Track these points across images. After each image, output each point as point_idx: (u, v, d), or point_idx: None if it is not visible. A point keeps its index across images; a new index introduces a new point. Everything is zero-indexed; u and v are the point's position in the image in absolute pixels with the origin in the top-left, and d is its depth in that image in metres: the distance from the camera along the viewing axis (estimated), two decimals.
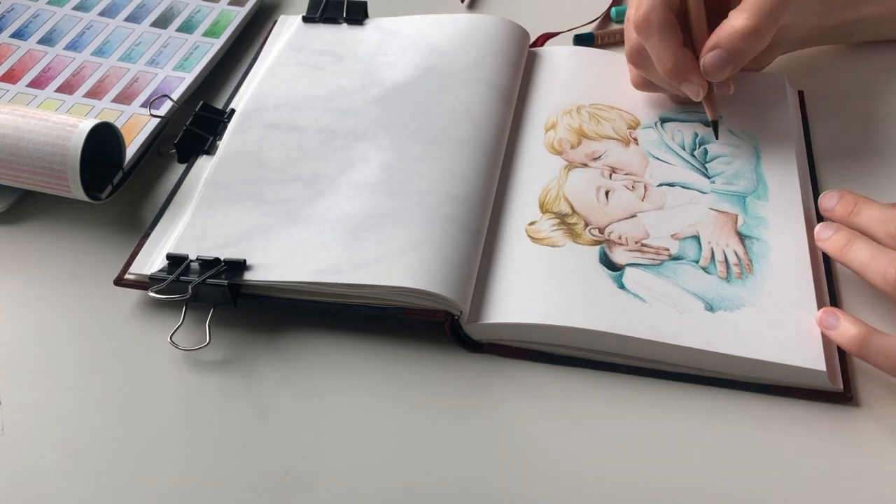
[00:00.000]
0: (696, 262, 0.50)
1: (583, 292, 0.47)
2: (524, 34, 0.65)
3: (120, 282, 0.49)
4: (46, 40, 0.67)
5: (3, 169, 0.53)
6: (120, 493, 0.42)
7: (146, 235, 0.52)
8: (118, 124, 0.58)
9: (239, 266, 0.47)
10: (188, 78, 0.63)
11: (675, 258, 0.50)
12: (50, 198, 0.55)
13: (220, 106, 0.61)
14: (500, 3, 0.74)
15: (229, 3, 0.71)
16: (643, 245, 0.50)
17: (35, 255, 0.54)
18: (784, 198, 0.54)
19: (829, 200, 0.51)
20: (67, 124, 0.52)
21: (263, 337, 0.49)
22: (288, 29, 0.67)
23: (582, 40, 0.69)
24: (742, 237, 0.51)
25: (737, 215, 0.53)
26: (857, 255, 0.47)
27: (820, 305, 0.48)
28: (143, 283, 0.49)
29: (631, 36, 0.55)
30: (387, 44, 0.63)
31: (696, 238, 0.51)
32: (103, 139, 0.54)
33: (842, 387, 0.45)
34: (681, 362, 0.46)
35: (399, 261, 0.47)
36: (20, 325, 0.50)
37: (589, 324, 0.46)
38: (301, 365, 0.47)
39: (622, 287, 0.48)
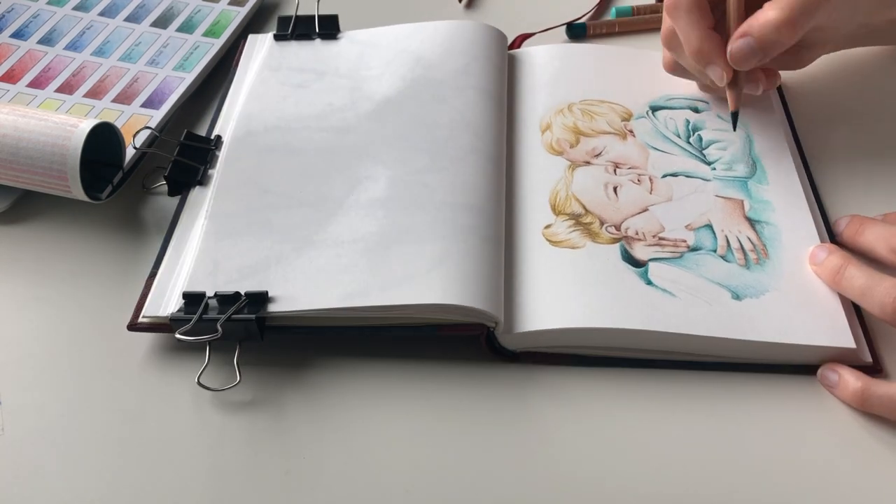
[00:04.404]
0: (714, 251, 0.50)
1: (613, 292, 0.47)
2: (502, 37, 0.65)
3: (134, 326, 0.47)
4: (46, 40, 0.67)
5: (3, 169, 0.53)
6: (120, 494, 0.42)
7: (152, 275, 0.50)
8: (118, 124, 0.58)
9: (261, 298, 0.46)
10: (188, 78, 0.64)
11: (694, 249, 0.50)
12: (50, 198, 0.55)
13: (201, 133, 0.59)
14: (493, 3, 0.74)
15: (229, 3, 0.71)
16: (661, 239, 0.50)
17: (35, 255, 0.54)
18: (783, 179, 0.55)
19: (840, 224, 0.52)
20: (67, 124, 0.52)
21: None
22: (259, 49, 0.65)
23: (574, 31, 0.70)
24: (752, 222, 0.52)
25: (742, 200, 0.53)
26: (852, 283, 0.46)
27: None
28: (159, 326, 0.47)
29: (666, 18, 0.55)
30: (367, 57, 0.62)
31: (710, 227, 0.51)
32: (103, 139, 0.54)
33: (870, 359, 0.46)
34: (715, 352, 0.46)
35: (427, 277, 0.46)
36: (20, 325, 0.50)
37: (625, 323, 0.46)
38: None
39: (649, 283, 0.48)
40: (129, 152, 0.56)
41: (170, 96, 0.62)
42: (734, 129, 0.55)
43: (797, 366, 0.47)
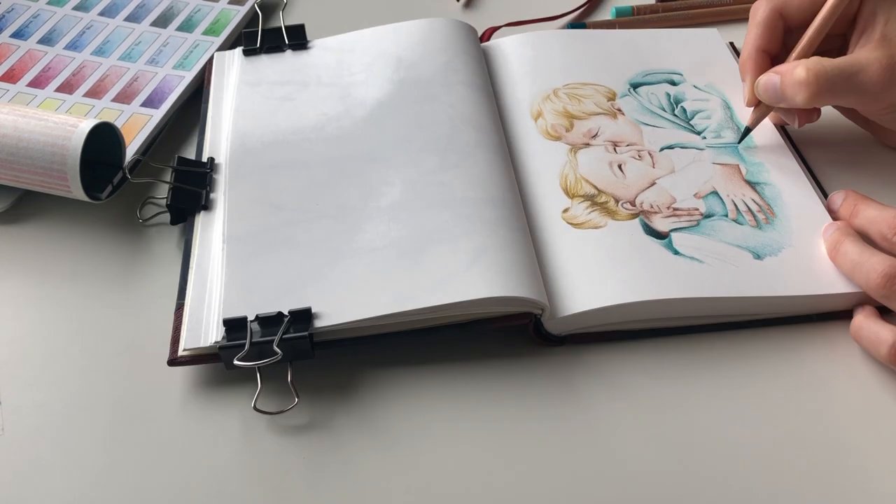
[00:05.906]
0: (726, 216, 0.52)
1: (645, 265, 0.48)
2: (473, 31, 0.65)
3: (175, 361, 0.46)
4: (46, 40, 0.67)
5: (3, 169, 0.53)
6: (120, 493, 0.42)
7: (179, 308, 0.48)
8: (118, 124, 0.58)
9: (306, 315, 0.45)
10: (188, 76, 0.64)
11: (707, 216, 0.52)
12: (50, 198, 0.56)
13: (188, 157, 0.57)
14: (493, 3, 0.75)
15: (229, 3, 0.72)
16: (675, 209, 0.52)
17: (35, 255, 0.54)
18: (768, 140, 0.58)
19: (835, 201, 0.53)
20: (67, 124, 0.52)
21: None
22: (229, 65, 0.64)
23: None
24: (752, 185, 0.54)
25: (738, 165, 0.55)
26: (845, 258, 0.48)
27: None
28: (201, 357, 0.46)
29: None
30: (346, 63, 0.62)
31: (716, 193, 0.53)
32: (103, 139, 0.54)
33: None
34: (750, 311, 0.48)
35: (469, 273, 0.46)
36: (20, 325, 0.50)
37: (663, 293, 0.47)
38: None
39: (677, 252, 0.49)
40: (130, 152, 0.55)
41: (170, 95, 0.62)
42: (738, 143, 0.57)
43: (826, 314, 0.49)
